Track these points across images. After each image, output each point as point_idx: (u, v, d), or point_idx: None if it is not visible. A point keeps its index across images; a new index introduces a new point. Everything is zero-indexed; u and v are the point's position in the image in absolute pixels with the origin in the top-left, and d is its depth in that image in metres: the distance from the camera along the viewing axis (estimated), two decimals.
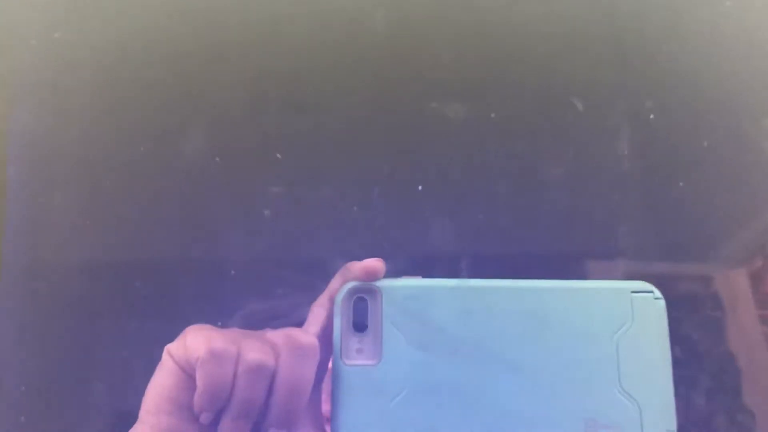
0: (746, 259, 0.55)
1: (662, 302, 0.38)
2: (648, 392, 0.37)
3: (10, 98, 0.56)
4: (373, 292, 0.38)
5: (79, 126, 0.56)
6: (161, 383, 0.35)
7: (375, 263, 0.38)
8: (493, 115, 0.56)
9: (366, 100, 0.57)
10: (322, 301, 0.39)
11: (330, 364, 0.38)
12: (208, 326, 0.36)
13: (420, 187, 0.55)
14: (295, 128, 0.56)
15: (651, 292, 0.38)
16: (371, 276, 0.38)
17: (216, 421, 0.35)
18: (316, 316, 0.38)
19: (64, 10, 0.57)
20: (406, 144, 0.56)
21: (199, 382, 0.34)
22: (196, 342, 0.34)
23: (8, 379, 0.52)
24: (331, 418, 0.37)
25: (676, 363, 0.37)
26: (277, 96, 0.57)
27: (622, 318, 0.37)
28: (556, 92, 0.57)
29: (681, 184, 0.56)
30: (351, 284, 0.38)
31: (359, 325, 0.38)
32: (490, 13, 0.58)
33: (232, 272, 0.53)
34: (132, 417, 0.35)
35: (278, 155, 0.56)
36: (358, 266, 0.38)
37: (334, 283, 0.39)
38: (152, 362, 0.35)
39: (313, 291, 0.39)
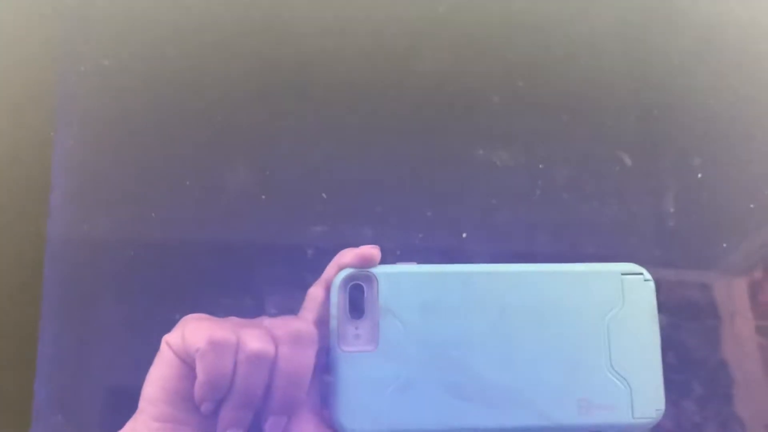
0: (746, 269, 0.55)
1: (652, 284, 0.39)
2: (638, 373, 0.38)
3: (55, 125, 0.56)
4: (370, 279, 0.38)
5: (124, 155, 0.56)
6: (160, 374, 0.35)
7: (370, 250, 0.38)
8: (541, 165, 0.56)
9: (412, 144, 0.57)
10: (317, 288, 0.39)
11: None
12: (205, 316, 0.37)
13: (464, 235, 0.55)
14: (341, 169, 0.56)
15: (641, 273, 0.39)
16: (367, 263, 0.38)
17: (217, 410, 0.35)
18: (313, 303, 0.39)
19: (114, 36, 0.57)
20: (451, 190, 0.56)
21: (199, 373, 0.34)
22: (194, 332, 0.34)
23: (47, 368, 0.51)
24: (329, 405, 0.37)
25: (671, 369, 0.39)
26: (323, 137, 0.56)
27: (612, 300, 0.38)
28: (605, 145, 0.57)
29: (725, 245, 0.55)
30: (347, 271, 0.38)
31: (356, 312, 0.38)
32: (544, 62, 0.58)
33: (273, 311, 0.53)
34: (132, 402, 0.35)
35: (323, 195, 0.55)
36: (353, 253, 0.38)
37: (330, 270, 0.39)
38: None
39: None
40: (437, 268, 0.39)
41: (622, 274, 0.39)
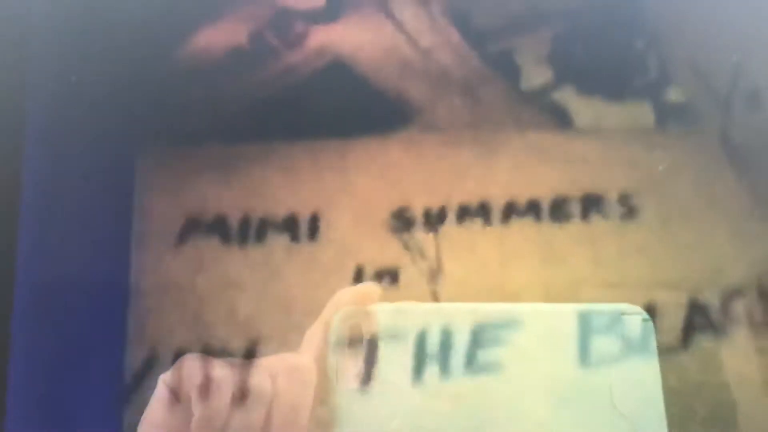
0: (745, 287, 0.55)
1: (650, 324, 0.40)
2: (641, 415, 0.39)
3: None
4: (369, 316, 0.39)
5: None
6: (156, 414, 0.36)
7: (370, 287, 0.40)
8: None
9: None
10: (316, 326, 0.40)
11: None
12: (202, 355, 0.38)
13: None
14: None
15: (639, 314, 0.40)
16: (366, 301, 0.39)
17: None
18: (311, 340, 0.40)
19: None
20: None
21: (195, 412, 0.35)
22: (191, 371, 0.36)
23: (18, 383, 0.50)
24: None
25: (672, 392, 0.40)
26: None
27: (611, 340, 0.39)
28: None
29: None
30: (345, 309, 0.39)
31: (355, 350, 0.39)
32: None
33: None
34: None
35: None
36: (352, 291, 0.40)
37: (328, 308, 0.40)
38: None
39: None
40: (439, 306, 0.40)
41: (621, 314, 0.40)
